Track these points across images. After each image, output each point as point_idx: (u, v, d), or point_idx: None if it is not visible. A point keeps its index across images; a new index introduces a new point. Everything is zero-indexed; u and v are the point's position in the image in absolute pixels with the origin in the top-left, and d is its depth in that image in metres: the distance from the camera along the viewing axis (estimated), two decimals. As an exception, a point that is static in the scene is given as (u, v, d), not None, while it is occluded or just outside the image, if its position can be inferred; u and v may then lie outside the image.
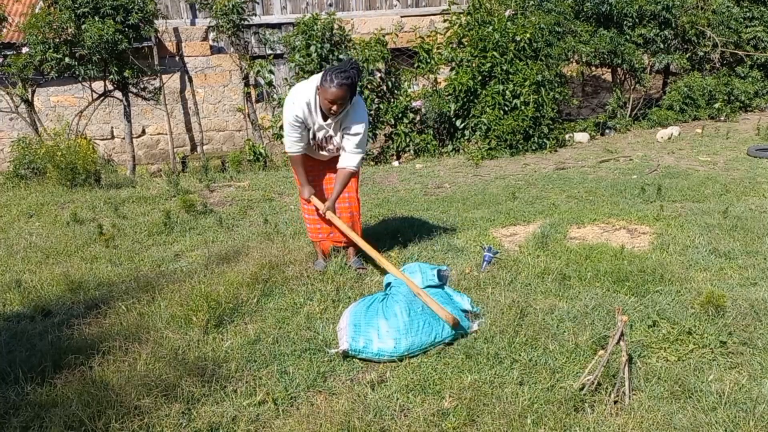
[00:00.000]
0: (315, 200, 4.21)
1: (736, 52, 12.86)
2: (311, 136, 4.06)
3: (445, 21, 11.18)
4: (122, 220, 6.22)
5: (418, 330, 3.25)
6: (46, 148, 8.35)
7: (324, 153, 4.21)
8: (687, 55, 12.52)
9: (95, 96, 11.53)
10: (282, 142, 11.02)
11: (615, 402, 2.73)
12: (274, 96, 11.49)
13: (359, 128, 3.99)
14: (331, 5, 13.84)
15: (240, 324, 3.61)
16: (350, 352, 3.21)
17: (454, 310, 3.43)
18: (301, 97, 3.90)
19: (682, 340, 3.21)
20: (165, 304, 3.81)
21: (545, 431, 2.56)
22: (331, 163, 4.26)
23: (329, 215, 4.16)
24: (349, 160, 4.08)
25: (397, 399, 2.85)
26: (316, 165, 4.31)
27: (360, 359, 3.23)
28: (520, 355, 3.15)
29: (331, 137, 4.07)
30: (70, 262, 4.91)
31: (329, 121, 3.93)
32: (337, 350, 3.23)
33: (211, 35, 13.38)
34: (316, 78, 3.88)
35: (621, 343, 2.67)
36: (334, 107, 3.78)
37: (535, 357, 3.13)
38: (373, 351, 3.19)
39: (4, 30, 11.18)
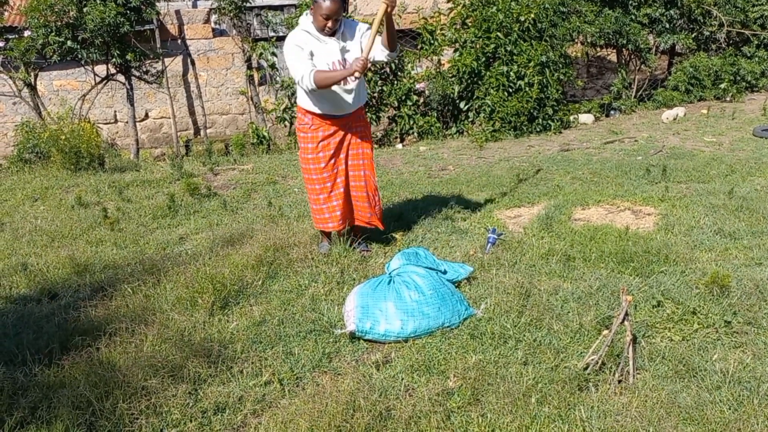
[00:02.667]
0: (359, 63, 3.80)
1: (742, 31, 12.72)
2: (325, 65, 3.96)
3: (448, 1, 11.08)
4: (127, 204, 6.23)
5: (425, 315, 3.26)
6: (50, 132, 8.35)
7: (348, 95, 4.07)
8: (693, 35, 12.39)
9: (98, 80, 11.51)
10: (285, 125, 10.97)
11: (619, 381, 2.74)
12: (277, 79, 11.44)
13: (364, 26, 4.11)
14: (333, -14, 13.70)
15: (245, 306, 3.63)
16: (357, 333, 3.23)
17: (459, 302, 3.43)
18: (297, 31, 3.97)
19: (686, 320, 3.21)
20: (170, 287, 3.83)
21: (549, 410, 2.57)
22: (351, 118, 4.20)
23: (364, 56, 3.84)
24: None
25: (402, 379, 2.87)
26: (335, 148, 4.21)
27: (366, 340, 3.25)
28: (524, 335, 3.16)
29: (345, 59, 3.99)
30: (76, 246, 4.93)
31: (336, 36, 3.96)
32: (343, 331, 3.25)
33: (213, 18, 13.29)
34: (306, 13, 3.98)
35: (625, 323, 2.68)
36: (329, 23, 3.85)
37: (540, 337, 3.14)
38: (379, 332, 3.21)
39: (6, 13, 11.13)
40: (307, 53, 3.92)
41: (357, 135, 4.25)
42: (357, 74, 3.81)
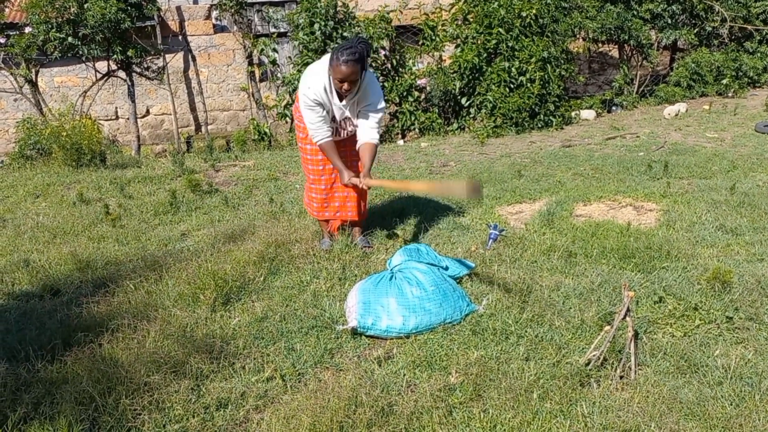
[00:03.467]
0: (355, 180, 4.08)
1: (745, 26, 12.69)
2: (331, 118, 4.01)
3: (450, -3, 11.07)
4: (128, 200, 6.24)
5: (427, 311, 3.26)
6: (51, 128, 8.36)
7: (342, 135, 4.18)
8: (695, 31, 12.37)
9: (99, 76, 11.50)
10: (287, 122, 10.97)
11: (621, 377, 2.74)
12: (278, 75, 11.44)
13: (379, 103, 4.00)
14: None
15: (247, 302, 3.64)
16: (359, 329, 3.23)
17: (461, 298, 3.44)
18: (317, 80, 3.84)
19: (688, 316, 3.21)
20: (172, 283, 3.83)
21: (551, 406, 2.58)
22: (346, 141, 4.24)
23: (368, 183, 4.07)
24: (372, 133, 4.04)
25: (404, 375, 2.87)
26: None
27: (368, 336, 3.25)
28: (526, 331, 3.16)
29: (348, 119, 4.04)
30: (78, 242, 4.94)
31: (344, 102, 3.90)
32: (345, 327, 3.25)
33: (214, 14, 13.28)
34: (327, 59, 3.83)
35: (627, 318, 2.68)
36: (345, 85, 3.73)
37: (541, 333, 3.14)
38: (381, 328, 3.21)
39: (7, 9, 11.14)
40: (321, 112, 3.90)
41: (355, 137, 4.25)
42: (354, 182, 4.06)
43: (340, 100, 3.91)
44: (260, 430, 2.52)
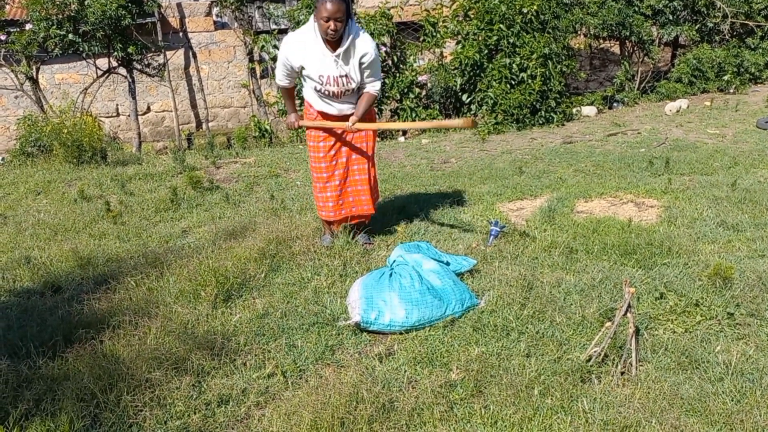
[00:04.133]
0: (341, 125, 4.09)
1: (746, 22, 12.67)
2: (317, 77, 3.96)
3: (450, -7, 11.05)
4: (129, 197, 6.24)
5: (429, 304, 3.26)
6: (52, 125, 8.35)
7: (346, 101, 4.11)
8: (696, 27, 12.34)
9: (99, 73, 11.49)
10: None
11: (622, 373, 2.74)
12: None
13: (370, 52, 3.94)
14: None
15: (248, 298, 3.64)
16: (362, 324, 3.23)
17: (463, 291, 3.44)
18: (294, 37, 3.96)
19: (689, 312, 3.21)
20: (173, 280, 3.83)
21: (552, 402, 2.58)
22: (353, 142, 4.25)
23: (357, 126, 4.07)
24: (369, 85, 4.11)
25: (405, 371, 2.87)
26: (336, 139, 4.23)
27: (370, 332, 3.26)
28: (527, 327, 3.16)
29: (346, 75, 3.95)
30: (79, 239, 4.94)
31: (338, 51, 3.85)
32: (348, 322, 3.25)
33: (215, 10, 13.26)
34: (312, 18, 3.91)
35: (628, 315, 2.68)
36: (331, 25, 3.73)
37: (542, 329, 3.14)
38: (384, 322, 3.21)
39: (7, 6, 11.12)
40: (293, 67, 4.01)
41: (359, 130, 4.24)
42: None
43: (333, 51, 3.88)
44: (261, 426, 2.52)
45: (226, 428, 2.55)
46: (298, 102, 10.09)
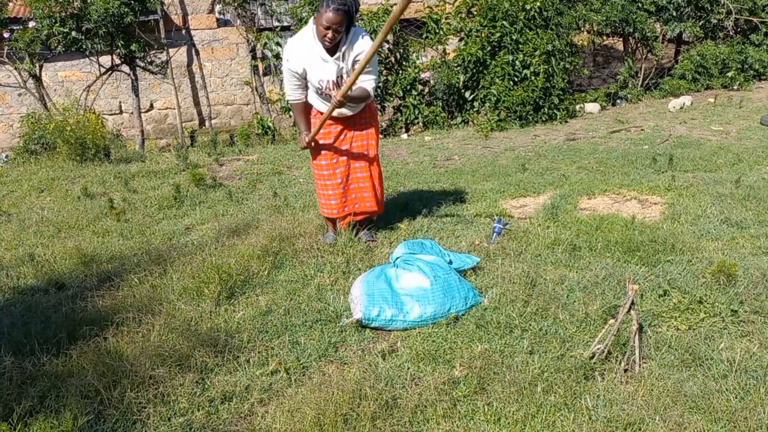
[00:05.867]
0: (328, 106, 3.98)
1: (751, 19, 12.62)
2: (317, 82, 3.95)
3: (453, -10, 11.02)
4: (132, 195, 6.24)
5: (431, 301, 3.26)
6: (56, 123, 8.36)
7: (344, 108, 4.05)
8: (700, 23, 12.30)
9: (102, 70, 11.50)
10: (290, 116, 10.96)
11: (625, 370, 2.74)
12: (282, 69, 11.42)
13: (366, 49, 3.84)
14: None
15: (251, 296, 3.64)
16: (364, 321, 3.23)
17: (466, 288, 3.43)
18: (294, 42, 3.91)
19: (693, 309, 3.21)
20: (177, 277, 3.84)
21: (555, 399, 2.57)
22: (354, 141, 4.23)
23: (339, 93, 3.82)
24: (362, 81, 3.90)
25: (408, 368, 2.88)
26: (334, 146, 4.22)
27: (372, 328, 3.26)
28: (530, 324, 3.16)
29: (342, 77, 3.93)
30: (82, 236, 4.95)
31: (337, 54, 3.84)
32: (350, 320, 3.25)
33: (217, 7, 13.26)
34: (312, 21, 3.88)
35: (632, 312, 2.67)
36: (329, 33, 3.71)
37: (546, 326, 3.14)
38: (386, 318, 3.21)
39: (11, 4, 11.13)
40: (297, 78, 3.97)
41: (361, 127, 4.24)
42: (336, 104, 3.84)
43: (331, 55, 3.86)
44: (265, 423, 2.53)
45: (229, 425, 2.55)
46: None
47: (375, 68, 4.04)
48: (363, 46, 3.88)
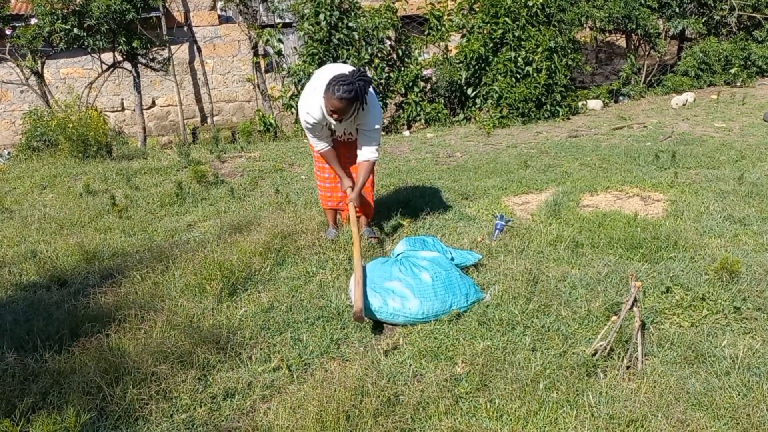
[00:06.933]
0: (347, 191, 4.20)
1: (754, 15, 12.57)
2: (331, 132, 4.09)
3: (455, -13, 10.99)
4: (134, 191, 6.25)
5: (433, 297, 3.26)
6: (58, 120, 8.36)
7: (342, 139, 4.23)
8: (703, 20, 12.25)
9: (104, 67, 11.50)
10: (292, 113, 10.98)
11: (628, 367, 2.74)
12: (284, 66, 11.40)
13: (374, 126, 4.00)
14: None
15: (253, 292, 3.64)
16: (365, 313, 3.23)
17: (468, 285, 3.43)
18: (313, 104, 3.85)
19: (695, 306, 3.20)
20: (179, 274, 3.84)
21: (558, 396, 2.57)
22: (347, 144, 4.27)
23: (352, 200, 4.12)
24: (368, 153, 4.08)
25: (410, 365, 2.88)
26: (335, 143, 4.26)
27: (374, 321, 3.26)
28: (532, 321, 3.15)
29: (350, 132, 4.13)
30: (84, 233, 4.95)
31: (343, 121, 3.85)
32: (353, 312, 3.26)
33: (219, 4, 13.23)
34: (325, 76, 3.82)
35: (634, 309, 2.67)
36: (335, 116, 3.74)
37: (548, 323, 3.13)
38: (388, 311, 3.21)
39: (12, 1, 11.12)
40: (319, 130, 3.98)
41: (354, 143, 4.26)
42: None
43: (338, 120, 3.87)
44: (267, 419, 2.53)
45: (231, 421, 2.55)
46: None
47: (376, 140, 4.11)
48: (365, 115, 3.92)
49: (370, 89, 3.89)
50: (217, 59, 13.60)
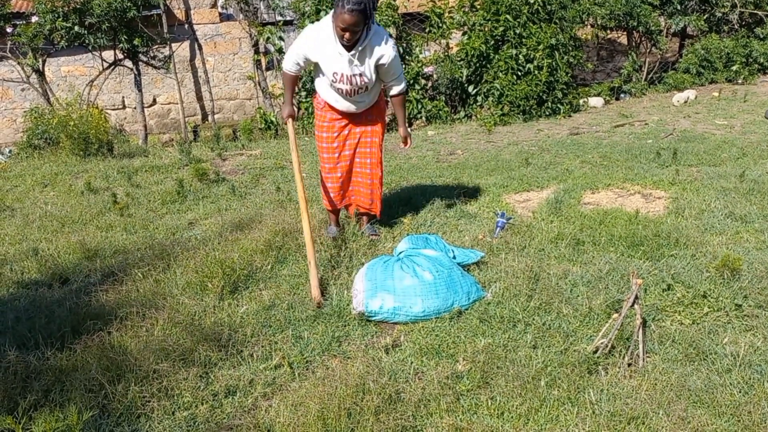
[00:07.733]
0: (290, 124, 4.25)
1: (755, 12, 12.54)
2: (332, 74, 3.93)
3: (456, -16, 10.98)
4: (136, 189, 6.25)
5: (435, 295, 3.26)
6: (59, 118, 8.37)
7: (358, 100, 4.08)
8: (704, 17, 12.23)
9: (105, 65, 11.50)
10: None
11: (629, 365, 2.74)
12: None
13: (387, 53, 3.89)
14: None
15: (255, 290, 3.64)
16: (366, 313, 3.23)
17: (469, 283, 3.43)
18: (316, 31, 3.87)
19: (696, 304, 3.20)
20: (180, 271, 3.84)
21: (559, 393, 2.57)
22: (360, 138, 4.25)
23: (407, 134, 4.45)
24: (397, 88, 4.16)
25: (412, 362, 2.88)
26: (341, 130, 4.24)
27: (375, 320, 3.26)
28: (533, 319, 3.16)
29: (360, 74, 3.91)
30: (86, 231, 4.96)
31: (353, 52, 3.79)
32: (355, 311, 3.26)
33: (220, 2, 13.24)
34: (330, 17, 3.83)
35: (635, 306, 2.67)
36: (347, 35, 3.68)
37: (549, 321, 3.14)
38: (388, 309, 3.22)
39: (13, -1, 11.12)
40: (308, 59, 3.98)
41: (367, 124, 4.26)
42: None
43: (348, 51, 3.82)
44: (268, 417, 2.53)
45: (233, 419, 2.56)
46: (303, 93, 10.08)
47: (401, 74, 4.14)
48: (384, 50, 3.87)
49: (380, 27, 3.92)
50: (218, 57, 13.60)
